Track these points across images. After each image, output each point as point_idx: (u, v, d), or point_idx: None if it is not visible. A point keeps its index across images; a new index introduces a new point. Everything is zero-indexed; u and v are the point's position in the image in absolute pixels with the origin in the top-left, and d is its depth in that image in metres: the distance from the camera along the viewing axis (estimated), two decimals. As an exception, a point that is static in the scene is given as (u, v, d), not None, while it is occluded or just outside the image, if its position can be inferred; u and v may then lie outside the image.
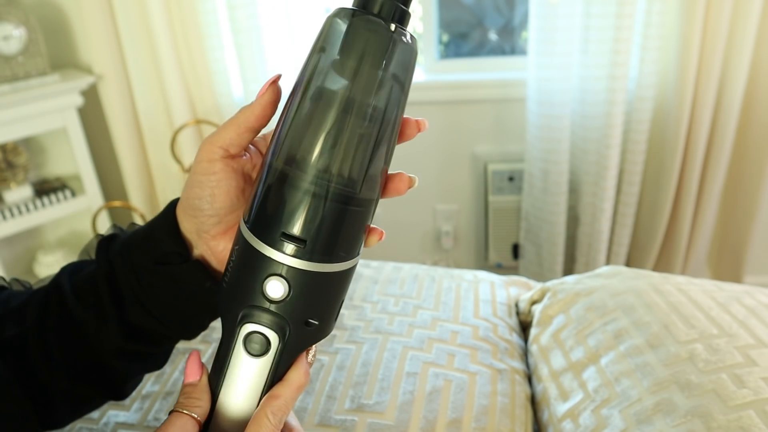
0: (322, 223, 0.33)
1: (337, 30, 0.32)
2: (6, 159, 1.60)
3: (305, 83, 0.33)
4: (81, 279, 0.44)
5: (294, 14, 1.53)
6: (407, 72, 0.34)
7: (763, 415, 0.48)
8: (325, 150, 0.32)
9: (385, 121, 0.33)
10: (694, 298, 0.67)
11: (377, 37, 0.32)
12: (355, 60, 0.32)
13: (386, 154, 0.35)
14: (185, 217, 0.41)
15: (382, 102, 0.33)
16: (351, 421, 0.60)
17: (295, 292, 0.34)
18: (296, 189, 0.33)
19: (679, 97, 1.45)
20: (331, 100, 0.32)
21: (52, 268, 1.73)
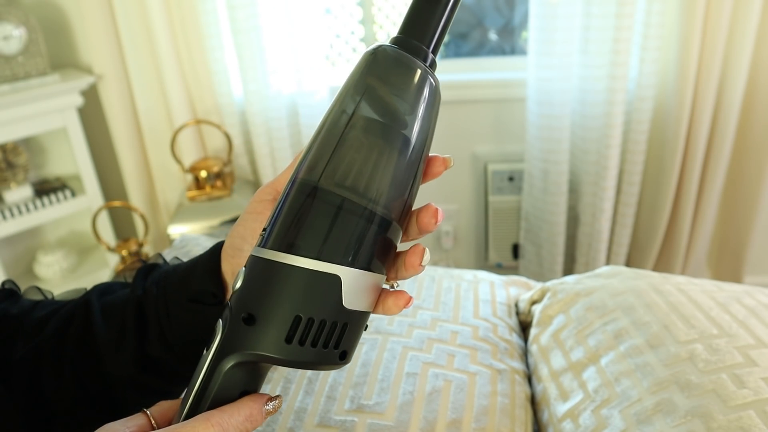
0: (281, 210, 0.33)
1: (368, 60, 0.34)
2: (6, 159, 1.60)
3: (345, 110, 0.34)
4: (111, 301, 0.44)
5: (294, 14, 1.53)
6: (429, 107, 0.35)
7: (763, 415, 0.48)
8: (323, 157, 0.33)
9: (374, 126, 0.34)
10: (694, 298, 0.67)
11: (420, 79, 0.34)
12: (378, 86, 0.34)
13: (378, 159, 0.34)
14: (226, 257, 0.41)
15: (415, 134, 0.34)
16: (351, 422, 0.60)
17: (244, 280, 0.33)
18: (304, 194, 0.33)
19: (679, 97, 1.45)
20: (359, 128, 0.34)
21: (52, 268, 1.73)
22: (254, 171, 1.75)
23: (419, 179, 0.36)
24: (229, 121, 1.64)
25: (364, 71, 0.34)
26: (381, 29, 1.82)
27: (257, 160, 1.68)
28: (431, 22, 0.35)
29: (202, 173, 1.59)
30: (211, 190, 1.60)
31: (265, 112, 1.61)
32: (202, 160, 1.63)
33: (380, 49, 0.35)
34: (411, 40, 0.35)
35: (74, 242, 1.85)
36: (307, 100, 1.61)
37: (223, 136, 1.65)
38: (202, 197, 1.59)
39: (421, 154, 0.35)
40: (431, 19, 0.35)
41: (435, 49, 0.36)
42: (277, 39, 1.56)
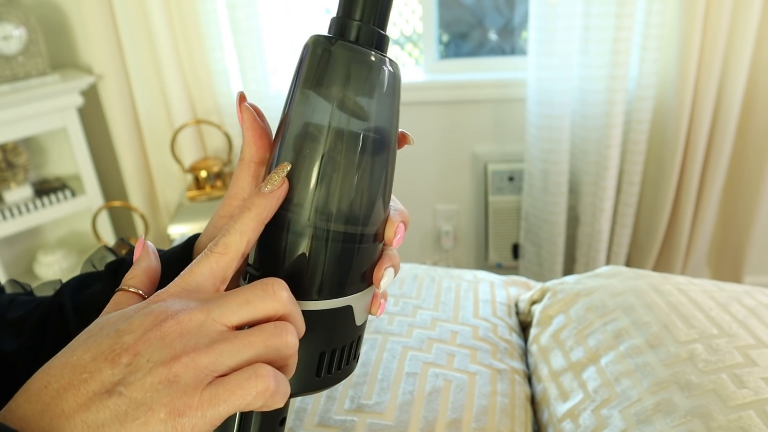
0: (269, 250, 0.32)
1: (316, 59, 0.30)
2: (6, 159, 1.60)
3: (290, 118, 0.32)
4: (84, 300, 0.42)
5: (294, 14, 1.53)
6: (393, 98, 0.32)
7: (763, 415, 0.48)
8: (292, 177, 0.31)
9: (352, 143, 0.31)
10: (694, 298, 0.67)
11: (358, 66, 0.30)
12: (338, 91, 0.30)
13: (361, 178, 0.31)
14: None
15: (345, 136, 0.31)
16: (351, 422, 0.60)
17: None
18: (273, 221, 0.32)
19: (679, 97, 1.45)
20: (311, 133, 0.31)
21: (52, 268, 1.73)
22: (254, 171, 1.74)
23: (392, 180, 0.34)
24: (229, 121, 1.64)
25: (320, 76, 0.30)
26: (381, 29, 1.82)
27: (257, 160, 1.67)
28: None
29: (202, 173, 1.59)
30: (211, 190, 1.60)
31: (265, 112, 1.57)
32: (202, 160, 1.63)
33: (320, 40, 0.31)
34: (351, 20, 0.30)
35: (74, 242, 1.85)
36: (307, 100, 1.60)
37: (223, 136, 1.65)
38: (202, 197, 1.59)
39: (394, 153, 0.33)
40: None
41: (382, 23, 0.31)
42: (277, 39, 1.56)
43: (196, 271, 0.30)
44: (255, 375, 0.26)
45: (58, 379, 0.26)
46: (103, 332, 0.27)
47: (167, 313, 0.27)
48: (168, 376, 0.26)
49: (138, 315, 0.28)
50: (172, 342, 0.26)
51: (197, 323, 0.27)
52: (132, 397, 0.25)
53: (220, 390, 0.26)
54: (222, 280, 0.30)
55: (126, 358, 0.26)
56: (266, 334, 0.28)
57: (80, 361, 0.26)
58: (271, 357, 0.28)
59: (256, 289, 0.29)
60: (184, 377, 0.26)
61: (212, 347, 0.27)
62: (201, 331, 0.27)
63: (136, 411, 0.25)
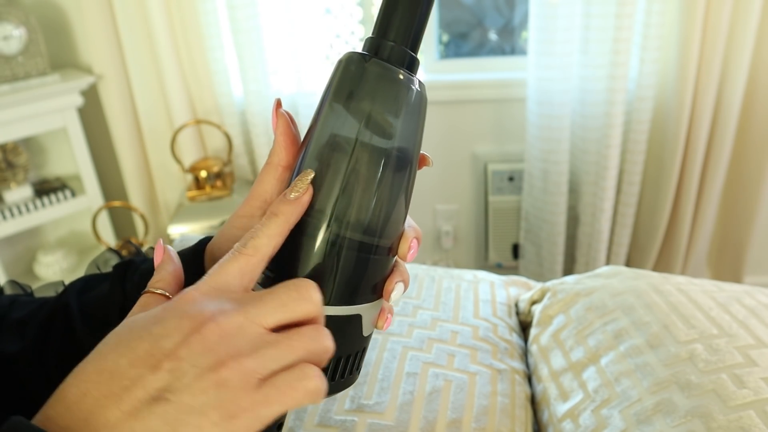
0: (286, 254, 0.32)
1: (349, 74, 0.32)
2: (6, 159, 1.60)
3: (318, 128, 0.33)
4: (90, 301, 0.42)
5: (294, 14, 1.53)
6: (418, 118, 0.33)
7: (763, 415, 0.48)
8: (326, 191, 0.32)
9: (370, 165, 0.32)
10: (694, 298, 0.67)
11: (389, 84, 0.32)
12: (368, 106, 0.32)
13: (381, 191, 0.32)
14: (212, 263, 0.39)
15: (369, 148, 0.32)
16: (351, 422, 0.60)
17: None
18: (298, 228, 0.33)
19: (679, 97, 1.45)
20: (339, 146, 0.32)
21: (52, 268, 1.73)
22: (254, 171, 1.75)
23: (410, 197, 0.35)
24: (229, 121, 1.64)
25: (352, 91, 0.32)
26: (381, 29, 1.82)
27: (257, 160, 1.68)
28: (406, 19, 0.32)
29: (202, 173, 1.59)
30: (211, 190, 1.60)
31: (265, 112, 1.61)
32: (202, 160, 1.63)
33: (355, 57, 0.32)
34: (386, 41, 0.32)
35: (74, 242, 1.85)
36: (307, 100, 1.61)
37: (223, 136, 1.65)
38: (202, 197, 1.59)
39: (415, 172, 0.34)
40: (405, 15, 0.32)
41: (415, 46, 0.33)
42: (277, 39, 1.56)
43: (226, 271, 0.30)
44: (304, 376, 0.27)
45: (97, 386, 0.26)
46: (136, 335, 0.27)
47: (204, 315, 0.27)
48: (217, 381, 0.26)
49: (172, 317, 0.27)
50: (214, 346, 0.27)
51: (236, 325, 0.27)
52: (181, 402, 0.25)
53: (272, 391, 0.27)
54: (250, 281, 0.30)
55: (168, 363, 0.26)
56: (306, 338, 0.28)
57: (117, 367, 0.26)
58: (311, 359, 0.28)
59: (290, 291, 0.29)
60: (233, 381, 0.26)
61: (257, 351, 0.27)
62: (241, 334, 0.27)
63: (187, 416, 0.25)
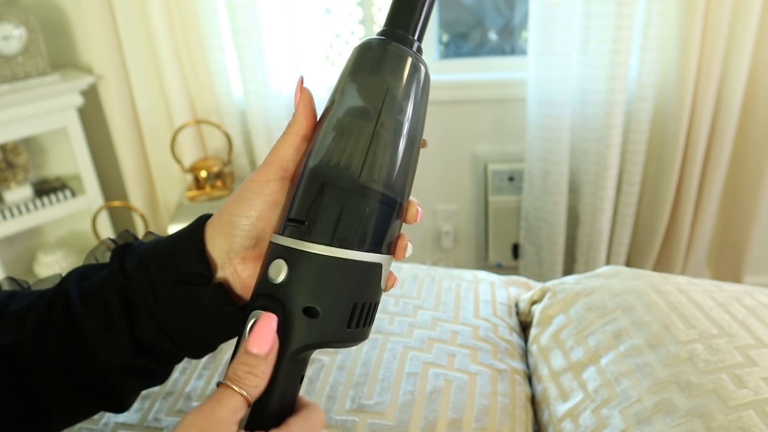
0: (319, 203, 0.35)
1: (373, 54, 0.37)
2: (6, 159, 1.60)
3: (342, 100, 0.37)
4: (90, 287, 0.42)
5: (294, 14, 1.53)
6: (426, 95, 0.38)
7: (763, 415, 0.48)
8: (341, 147, 0.36)
9: (397, 128, 0.37)
10: (694, 298, 0.67)
11: (406, 64, 0.37)
12: (390, 81, 0.37)
13: (405, 156, 0.37)
14: (219, 234, 0.40)
15: (396, 113, 0.37)
16: (351, 422, 0.60)
17: (294, 274, 0.35)
18: (304, 180, 0.36)
19: (679, 97, 1.45)
20: (354, 112, 0.37)
21: (52, 268, 1.73)
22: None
23: None
24: (229, 121, 1.64)
25: (373, 67, 0.37)
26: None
27: (257, 160, 1.68)
28: (414, 13, 0.38)
29: (202, 173, 1.59)
30: (211, 190, 1.60)
31: (265, 112, 1.61)
32: (202, 160, 1.63)
33: (374, 42, 0.37)
34: (398, 31, 0.38)
35: (74, 242, 1.85)
36: (307, 100, 1.60)
37: (223, 136, 1.65)
38: (202, 197, 1.59)
39: (420, 144, 0.39)
40: (414, 10, 0.38)
41: (420, 37, 0.39)
42: (277, 39, 1.56)
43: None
44: None
45: None
46: None
47: None
48: None
49: None
50: None
51: None
52: None
53: None
54: None
55: None
56: None
57: None
58: None
59: None
60: None
61: None
62: None
63: None
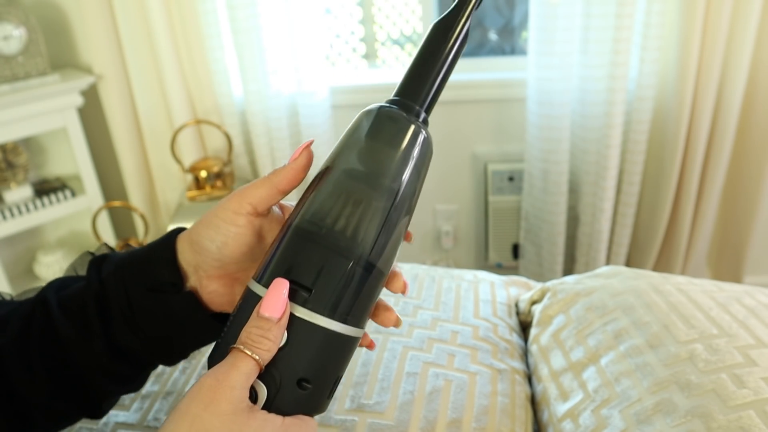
0: (331, 277, 0.34)
1: (378, 126, 0.36)
2: (6, 159, 1.60)
3: (336, 165, 0.36)
4: (68, 295, 0.44)
5: (294, 14, 1.53)
6: (425, 164, 0.37)
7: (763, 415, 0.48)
8: (347, 216, 0.35)
9: (402, 202, 0.36)
10: (694, 298, 0.67)
11: (409, 136, 0.36)
12: (392, 154, 0.36)
13: (401, 230, 0.37)
14: (189, 249, 0.41)
15: (405, 188, 0.36)
16: (351, 421, 0.60)
17: (293, 342, 0.34)
18: (313, 242, 0.34)
19: (679, 97, 1.45)
20: (365, 179, 0.36)
21: (52, 268, 1.73)
22: (254, 171, 1.75)
23: None
24: (229, 121, 1.64)
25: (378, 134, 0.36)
26: (381, 29, 1.82)
27: (257, 160, 1.68)
28: (424, 85, 0.37)
29: (202, 173, 1.59)
30: (211, 190, 1.60)
31: (265, 112, 1.61)
32: (202, 160, 1.63)
33: (382, 110, 0.37)
34: (406, 101, 0.37)
35: (74, 242, 1.85)
36: (307, 100, 1.61)
37: (223, 136, 1.65)
38: (202, 197, 1.59)
39: (411, 216, 0.38)
40: (424, 82, 0.37)
41: (429, 109, 0.38)
42: (277, 39, 1.56)
43: None
44: None
45: None
46: None
47: None
48: None
49: None
50: None
51: None
52: None
53: None
54: None
55: None
56: None
57: None
58: None
59: None
60: None
61: None
62: None
63: None
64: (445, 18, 0.37)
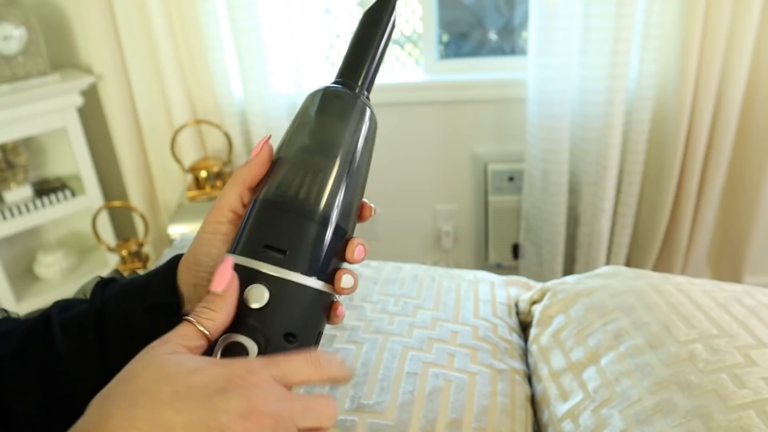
0: (302, 237, 0.37)
1: (325, 103, 0.41)
2: (6, 159, 1.60)
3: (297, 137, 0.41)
4: (71, 315, 0.46)
5: (294, 14, 1.53)
6: (372, 133, 0.42)
7: (763, 415, 0.48)
8: (308, 184, 0.38)
9: (357, 168, 0.40)
10: (694, 298, 0.67)
11: (354, 109, 0.41)
12: (341, 126, 0.40)
13: (357, 194, 0.41)
14: (187, 270, 0.43)
15: (358, 156, 0.40)
16: (351, 421, 0.60)
17: (275, 301, 0.36)
18: (281, 210, 0.38)
19: (679, 97, 1.45)
20: (320, 150, 0.39)
21: (52, 268, 1.73)
22: (254, 171, 1.74)
23: None
24: (229, 121, 1.64)
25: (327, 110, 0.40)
26: (381, 29, 1.82)
27: (257, 160, 1.67)
28: (362, 66, 0.42)
29: (202, 173, 1.59)
30: (211, 190, 1.60)
31: (265, 112, 1.61)
32: (202, 160, 1.63)
33: (328, 89, 0.41)
34: (347, 81, 0.42)
35: (74, 242, 1.85)
36: (307, 100, 1.60)
37: (223, 136, 1.65)
38: (202, 197, 1.59)
39: (367, 172, 0.42)
40: (362, 64, 0.42)
41: (369, 87, 0.42)
42: (277, 39, 1.56)
43: (292, 363, 0.34)
44: None
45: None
46: (195, 398, 0.30)
47: (267, 407, 0.31)
48: None
49: (236, 396, 0.31)
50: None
51: (287, 427, 0.32)
52: None
53: None
54: None
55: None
56: None
57: (172, 425, 0.29)
58: None
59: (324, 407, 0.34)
60: None
61: None
62: None
63: None
64: (375, 5, 0.42)
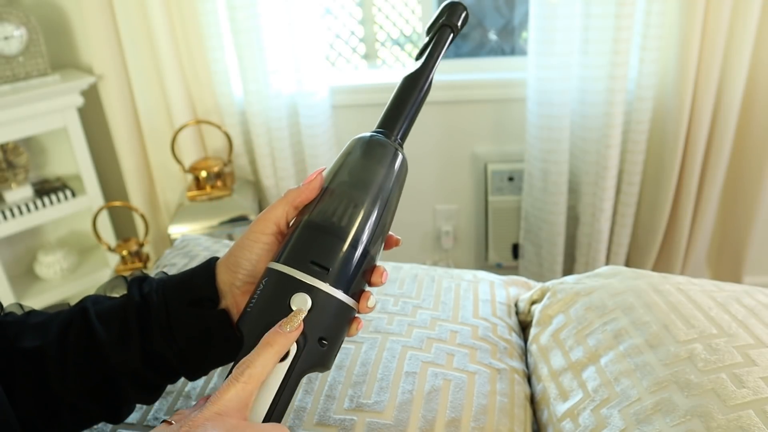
0: (343, 257, 0.44)
1: (369, 149, 0.48)
2: (6, 159, 1.60)
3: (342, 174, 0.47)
4: (105, 307, 0.49)
5: (294, 14, 1.53)
6: (403, 176, 0.49)
7: (762, 415, 0.48)
8: (350, 214, 0.45)
9: (388, 204, 0.47)
10: (694, 298, 0.67)
11: (392, 156, 0.48)
12: (380, 169, 0.47)
13: (387, 225, 0.48)
14: (226, 270, 0.48)
15: (391, 195, 0.47)
16: (350, 421, 0.60)
17: (316, 309, 0.42)
18: (326, 233, 0.44)
19: (679, 97, 1.45)
20: (361, 187, 0.46)
21: (52, 268, 1.73)
22: (254, 171, 1.75)
23: None
24: (229, 121, 1.64)
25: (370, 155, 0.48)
26: (381, 29, 1.82)
27: (257, 160, 1.68)
28: (400, 120, 0.49)
29: (202, 173, 1.59)
30: (211, 190, 1.60)
31: (265, 112, 1.61)
32: (202, 160, 1.63)
33: (373, 137, 0.48)
34: (387, 131, 0.49)
35: (74, 242, 1.85)
36: (307, 100, 1.61)
37: (223, 136, 1.65)
38: (202, 197, 1.60)
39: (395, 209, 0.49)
40: (400, 118, 0.49)
41: (404, 137, 0.50)
42: (277, 39, 1.56)
43: (226, 397, 0.37)
44: None
45: None
46: None
47: None
48: None
49: None
50: None
51: None
52: None
53: None
54: (245, 406, 0.38)
55: None
56: None
57: None
58: None
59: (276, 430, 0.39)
60: None
61: None
62: None
63: None
64: (415, 72, 0.50)
